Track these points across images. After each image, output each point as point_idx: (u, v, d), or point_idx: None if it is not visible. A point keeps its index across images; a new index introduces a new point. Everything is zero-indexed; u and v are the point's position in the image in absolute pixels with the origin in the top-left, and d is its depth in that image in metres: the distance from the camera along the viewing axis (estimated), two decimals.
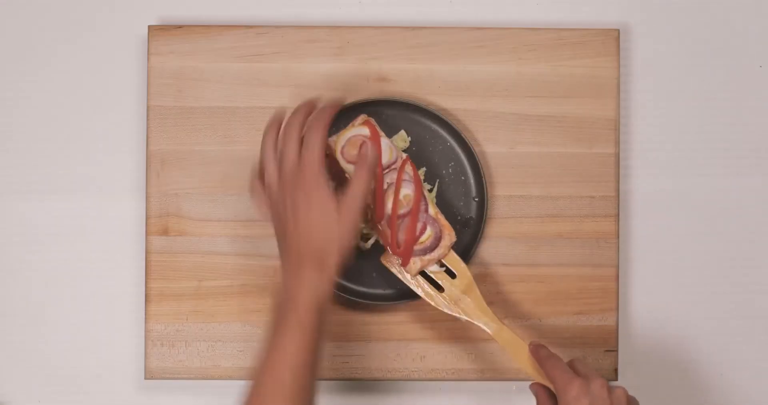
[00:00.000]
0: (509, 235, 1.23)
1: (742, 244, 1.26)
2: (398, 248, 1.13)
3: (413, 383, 1.24)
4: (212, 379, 1.21)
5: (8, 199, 1.25)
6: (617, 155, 1.23)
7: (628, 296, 1.25)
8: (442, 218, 1.15)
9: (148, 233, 1.22)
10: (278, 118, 1.10)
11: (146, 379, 1.22)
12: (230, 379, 1.21)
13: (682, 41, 1.27)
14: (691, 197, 1.26)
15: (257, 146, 1.21)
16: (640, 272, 1.26)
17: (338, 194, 1.06)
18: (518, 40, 1.23)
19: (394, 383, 1.24)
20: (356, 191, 1.06)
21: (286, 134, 1.08)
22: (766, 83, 1.27)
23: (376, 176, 1.11)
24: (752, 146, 1.26)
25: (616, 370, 1.22)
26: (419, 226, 1.13)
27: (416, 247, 1.14)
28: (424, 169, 1.21)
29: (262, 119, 1.22)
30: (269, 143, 1.09)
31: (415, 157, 1.22)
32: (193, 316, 1.21)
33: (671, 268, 1.26)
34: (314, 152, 1.05)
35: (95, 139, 1.25)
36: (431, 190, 1.21)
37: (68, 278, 1.25)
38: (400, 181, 1.13)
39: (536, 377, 1.11)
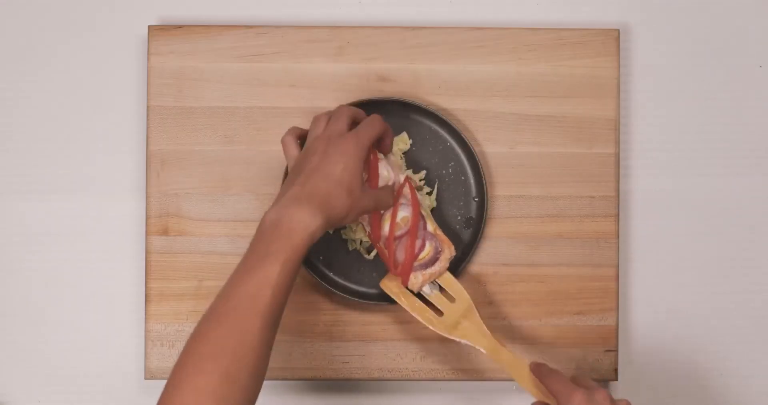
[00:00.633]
0: (509, 235, 1.23)
1: (742, 244, 1.26)
2: (396, 269, 1.14)
3: (413, 383, 1.24)
4: None
5: (8, 199, 1.25)
6: (617, 155, 1.23)
7: (628, 296, 1.25)
8: (440, 233, 1.15)
9: (148, 233, 1.22)
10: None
11: (146, 379, 1.21)
12: None
13: (682, 41, 1.27)
14: (691, 197, 1.26)
15: (257, 146, 1.22)
16: (640, 272, 1.26)
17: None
18: (518, 40, 1.23)
19: (394, 383, 1.24)
20: (386, 198, 1.12)
21: (337, 112, 1.12)
22: (766, 83, 1.27)
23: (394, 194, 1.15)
24: (752, 146, 1.26)
25: (616, 370, 1.22)
26: (418, 243, 1.14)
27: (416, 263, 1.14)
28: (424, 171, 1.22)
29: (262, 119, 1.22)
30: (323, 114, 1.13)
31: (415, 157, 1.22)
32: (193, 316, 1.21)
33: (671, 268, 1.26)
34: (370, 133, 1.10)
35: (95, 139, 1.25)
36: (431, 192, 1.21)
37: (68, 278, 1.25)
38: (397, 205, 1.13)
39: (538, 396, 1.11)
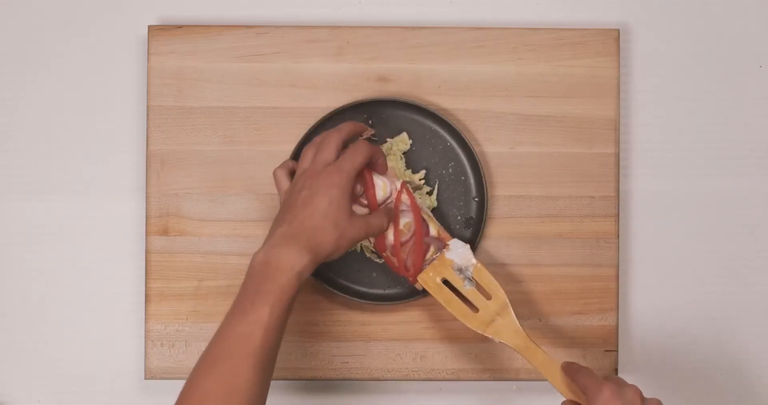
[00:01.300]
0: (509, 235, 1.23)
1: (742, 244, 1.26)
2: (407, 271, 1.15)
3: (413, 383, 1.24)
4: None
5: (8, 199, 1.25)
6: (617, 155, 1.23)
7: (628, 296, 1.25)
8: (443, 233, 1.15)
9: (148, 233, 1.22)
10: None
11: (146, 379, 1.22)
12: None
13: (682, 41, 1.27)
14: (691, 197, 1.26)
15: (257, 146, 1.22)
16: (640, 272, 1.26)
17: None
18: (518, 40, 1.23)
19: (394, 383, 1.24)
20: (377, 223, 1.12)
21: (326, 139, 1.12)
22: (766, 83, 1.27)
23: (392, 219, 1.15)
24: (752, 146, 1.26)
25: (616, 370, 1.22)
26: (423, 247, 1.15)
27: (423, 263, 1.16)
28: (423, 171, 1.22)
29: (262, 119, 1.22)
30: (312, 145, 1.13)
31: (415, 157, 1.22)
32: (193, 316, 1.21)
33: (671, 268, 1.26)
34: (354, 162, 1.09)
35: (95, 139, 1.25)
36: (431, 192, 1.21)
37: (68, 278, 1.25)
38: (398, 212, 1.13)
39: (569, 396, 1.10)
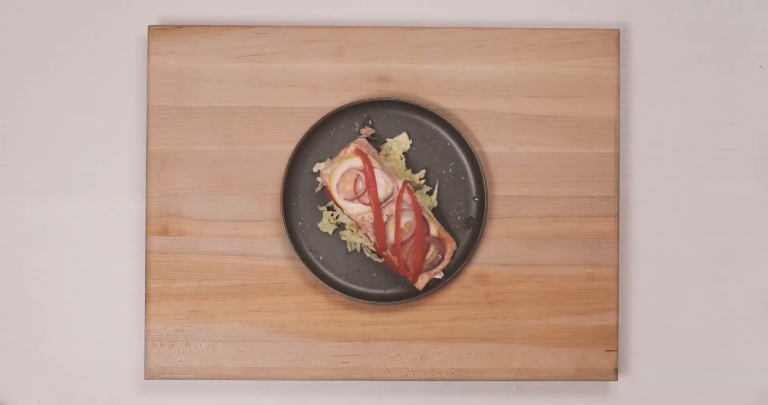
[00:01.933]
0: (509, 235, 1.23)
1: (741, 243, 1.26)
2: (407, 271, 1.15)
3: (413, 383, 1.24)
4: (212, 378, 1.21)
5: (8, 199, 1.25)
6: (617, 155, 1.23)
7: (628, 296, 1.25)
8: (443, 232, 1.16)
9: (148, 233, 1.22)
10: None
11: (146, 379, 1.21)
12: (230, 378, 1.21)
13: (682, 41, 1.27)
14: (691, 197, 1.26)
15: (257, 146, 1.22)
16: (640, 272, 1.26)
17: None
18: (518, 40, 1.23)
19: (394, 383, 1.24)
20: None
21: None
22: (766, 83, 1.27)
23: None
24: (752, 146, 1.26)
25: (616, 370, 1.22)
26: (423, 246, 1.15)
27: (423, 264, 1.16)
28: (423, 171, 1.22)
29: (262, 119, 1.22)
30: None
31: (415, 157, 1.22)
32: (193, 316, 1.21)
33: (671, 268, 1.26)
34: None
35: (95, 139, 1.25)
36: (431, 192, 1.21)
37: (68, 278, 1.25)
38: (399, 211, 1.14)
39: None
